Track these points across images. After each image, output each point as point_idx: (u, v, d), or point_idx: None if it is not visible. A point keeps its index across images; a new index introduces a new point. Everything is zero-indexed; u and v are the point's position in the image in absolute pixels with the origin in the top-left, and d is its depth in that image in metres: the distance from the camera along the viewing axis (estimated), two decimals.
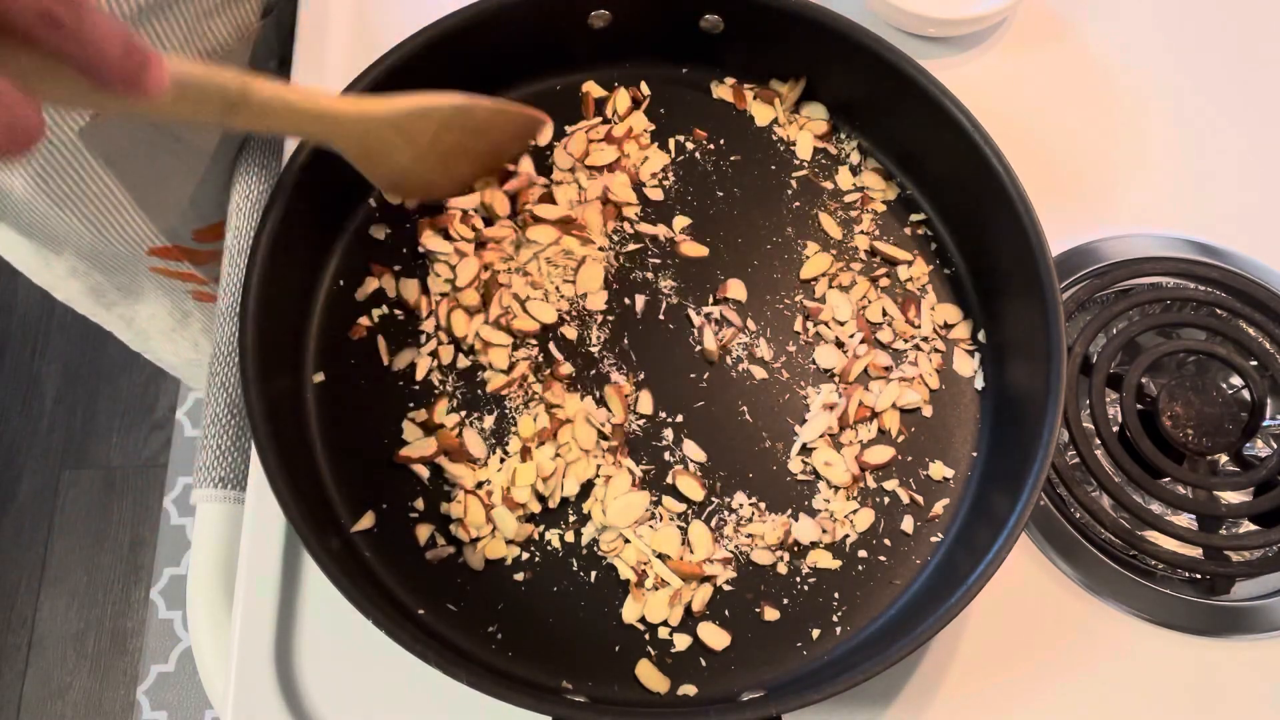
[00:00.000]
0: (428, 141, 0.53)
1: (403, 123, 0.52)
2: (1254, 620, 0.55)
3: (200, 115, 0.43)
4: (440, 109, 0.53)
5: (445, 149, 0.54)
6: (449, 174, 0.57)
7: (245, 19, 0.66)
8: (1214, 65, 0.69)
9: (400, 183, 0.55)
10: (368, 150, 0.52)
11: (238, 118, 0.44)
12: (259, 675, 0.51)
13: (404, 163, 0.53)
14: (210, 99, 0.43)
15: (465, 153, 0.56)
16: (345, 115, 0.49)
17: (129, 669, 1.38)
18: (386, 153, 0.52)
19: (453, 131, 0.54)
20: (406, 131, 0.52)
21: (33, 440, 1.49)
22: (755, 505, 0.54)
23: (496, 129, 0.56)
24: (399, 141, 0.52)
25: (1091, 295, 0.61)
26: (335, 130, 0.50)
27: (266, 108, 0.45)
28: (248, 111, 0.44)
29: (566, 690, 0.50)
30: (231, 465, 0.58)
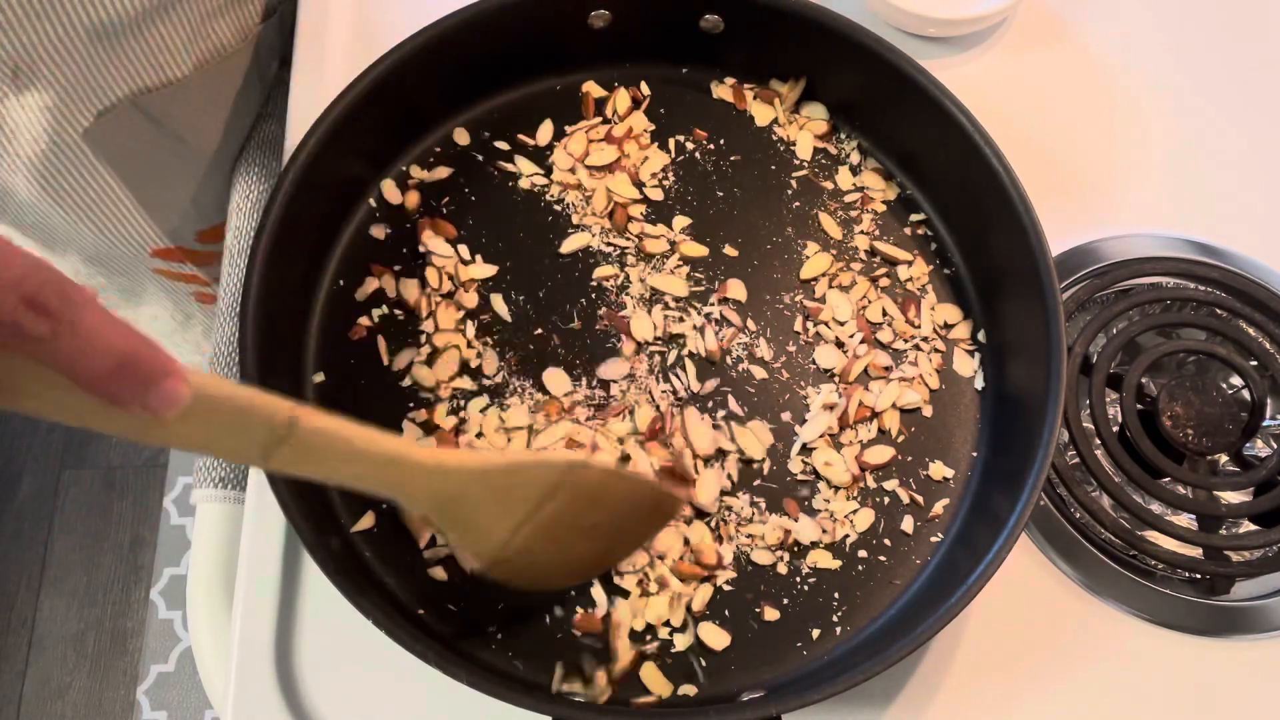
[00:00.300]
0: (529, 509, 0.43)
1: (491, 480, 0.42)
2: (1254, 620, 0.55)
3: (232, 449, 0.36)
4: (540, 467, 0.42)
5: (552, 522, 0.44)
6: (560, 555, 0.46)
7: (248, 20, 0.66)
8: (1214, 65, 0.69)
9: (497, 559, 0.45)
10: (449, 512, 0.42)
11: (281, 456, 0.36)
12: (259, 675, 0.51)
13: (500, 535, 0.43)
14: (247, 429, 0.35)
15: (580, 529, 0.45)
16: (421, 465, 0.40)
17: (129, 669, 1.38)
18: (475, 518, 0.42)
19: (560, 499, 0.43)
20: (498, 493, 0.42)
21: (33, 440, 1.49)
22: (755, 505, 0.54)
23: (615, 498, 0.45)
24: (490, 505, 0.42)
25: (1091, 295, 0.61)
26: (407, 481, 0.40)
27: (319, 446, 0.36)
28: (295, 448, 0.36)
29: (566, 691, 0.50)
30: (231, 465, 0.58)
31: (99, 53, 0.57)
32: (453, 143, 0.61)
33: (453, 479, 0.41)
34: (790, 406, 0.56)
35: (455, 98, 0.61)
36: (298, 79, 0.65)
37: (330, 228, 0.58)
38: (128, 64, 0.59)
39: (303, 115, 0.63)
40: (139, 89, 0.61)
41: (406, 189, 0.60)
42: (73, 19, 0.54)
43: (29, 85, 0.57)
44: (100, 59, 0.58)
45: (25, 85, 0.57)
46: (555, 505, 0.43)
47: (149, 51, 0.59)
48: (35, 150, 0.60)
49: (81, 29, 0.55)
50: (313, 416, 0.36)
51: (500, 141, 0.61)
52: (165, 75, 0.62)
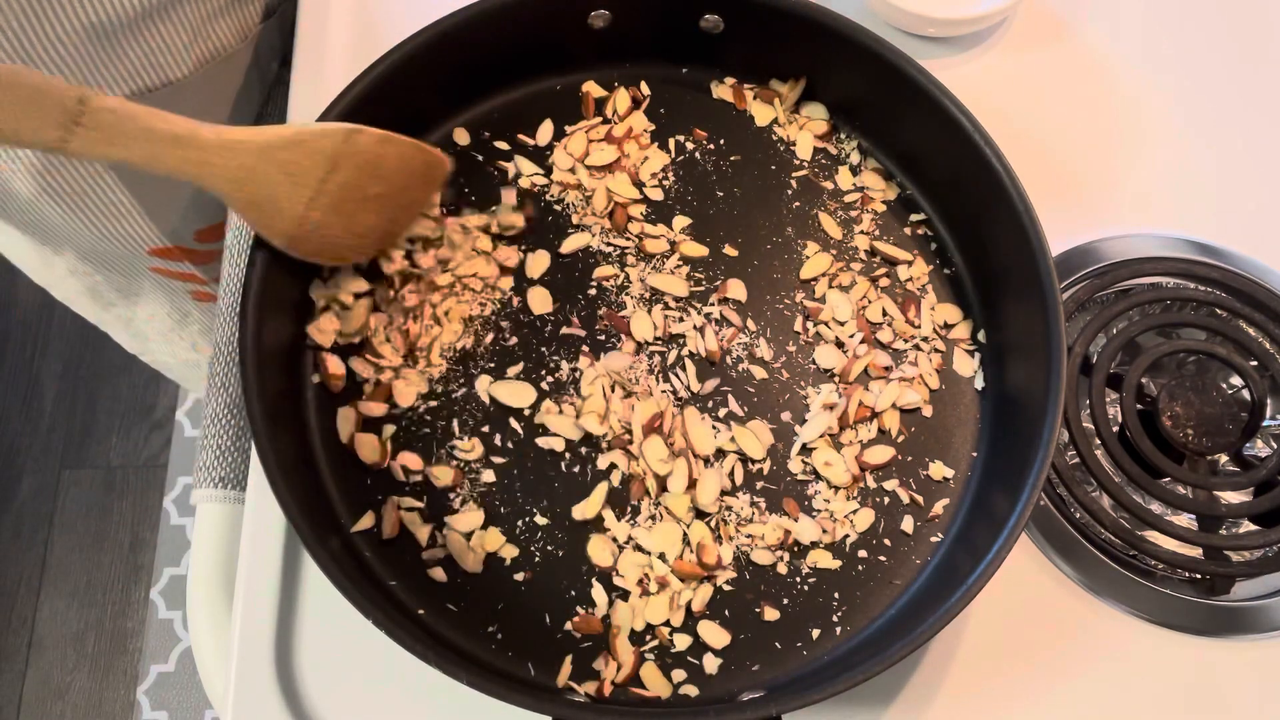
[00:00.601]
0: (317, 182, 0.47)
1: (279, 154, 0.45)
2: (1254, 620, 0.55)
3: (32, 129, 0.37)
4: (320, 137, 0.46)
5: (339, 193, 0.48)
6: (351, 227, 0.50)
7: (248, 21, 0.66)
8: (1214, 65, 0.69)
9: (296, 236, 0.49)
10: (248, 193, 0.45)
11: (76, 136, 0.38)
12: (259, 675, 0.51)
13: (295, 210, 0.47)
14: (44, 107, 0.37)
15: (365, 200, 0.50)
16: (207, 141, 0.43)
17: (129, 669, 1.38)
18: (271, 196, 0.46)
19: (343, 170, 0.48)
20: (287, 166, 0.46)
21: (33, 440, 1.49)
22: (755, 505, 0.54)
23: (391, 166, 0.50)
24: (282, 181, 0.46)
25: (1091, 295, 0.61)
26: (200, 160, 0.43)
27: (111, 124, 0.39)
28: (90, 128, 0.38)
29: (567, 690, 0.50)
30: (231, 465, 0.58)
31: (99, 53, 0.57)
32: (453, 143, 0.61)
33: (240, 153, 0.43)
34: (790, 406, 0.56)
35: (455, 98, 0.61)
36: (298, 79, 0.65)
37: None
38: (128, 64, 0.59)
39: (303, 115, 0.63)
40: (139, 89, 0.61)
41: None
42: (72, 19, 0.54)
43: None
44: (100, 59, 0.58)
45: None
46: (340, 176, 0.47)
47: (149, 52, 0.59)
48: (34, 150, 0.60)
49: (81, 29, 0.55)
50: (102, 96, 0.38)
51: (500, 141, 0.61)
52: (165, 75, 0.62)
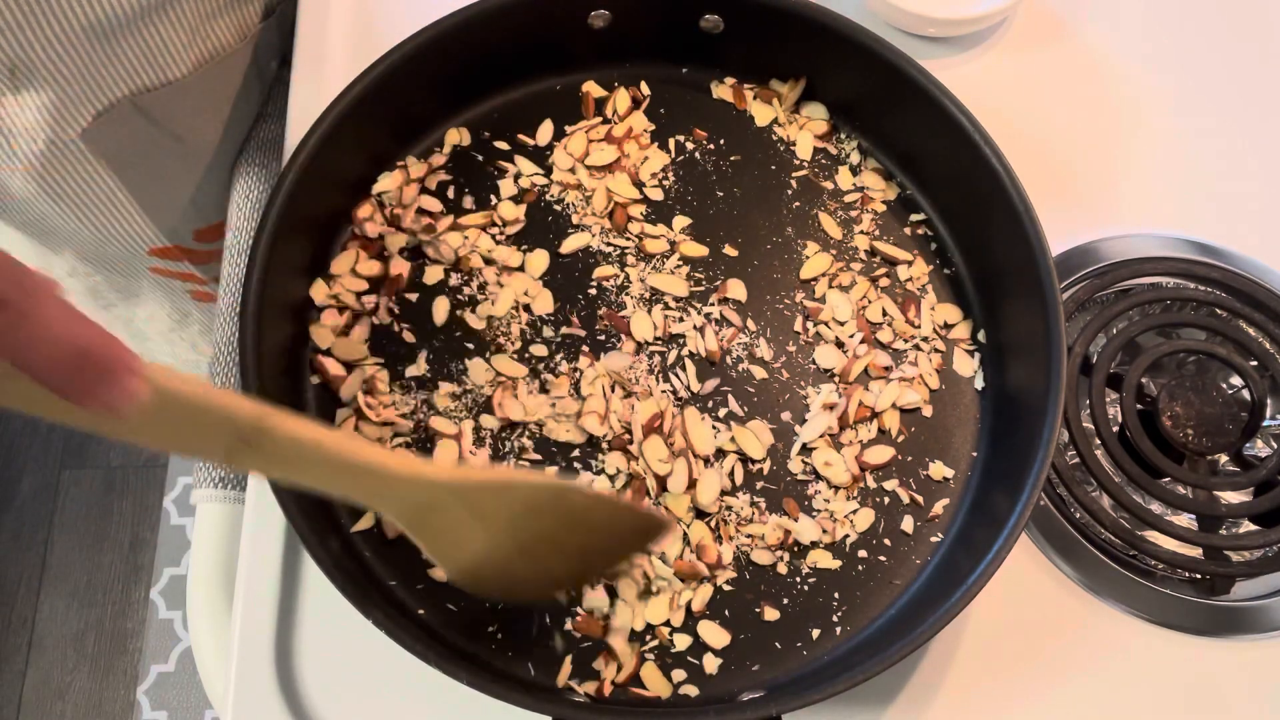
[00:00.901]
0: (506, 526, 0.41)
1: (472, 496, 0.40)
2: (1254, 620, 0.55)
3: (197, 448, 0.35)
4: (524, 489, 0.41)
5: (530, 539, 0.42)
6: (537, 570, 0.44)
7: (247, 20, 0.66)
8: (1214, 65, 0.69)
9: (471, 571, 0.44)
10: (425, 522, 0.41)
11: (248, 458, 0.35)
12: (259, 675, 0.51)
13: (476, 547, 0.42)
14: (214, 429, 0.34)
15: (559, 549, 0.44)
16: (396, 475, 0.38)
17: (129, 669, 1.38)
18: (451, 530, 0.41)
19: (543, 518, 0.42)
20: (478, 508, 0.41)
21: (33, 440, 1.49)
22: (755, 505, 0.54)
23: (599, 524, 0.44)
24: (467, 519, 0.41)
25: (1091, 295, 0.61)
26: (381, 491, 0.39)
27: (290, 451, 0.35)
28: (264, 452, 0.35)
29: (567, 690, 0.50)
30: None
31: (97, 52, 0.57)
32: (453, 142, 0.61)
33: (425, 490, 0.39)
34: (790, 406, 0.56)
35: (455, 98, 0.61)
36: (298, 79, 0.65)
37: (331, 227, 0.58)
38: (127, 64, 0.59)
39: (303, 115, 0.63)
40: (138, 89, 0.61)
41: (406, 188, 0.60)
42: (71, 18, 0.54)
43: (27, 85, 0.57)
44: (99, 59, 0.58)
45: (23, 85, 0.57)
46: (537, 525, 0.42)
47: (148, 51, 0.59)
48: (33, 150, 0.60)
49: (80, 28, 0.55)
50: (284, 421, 0.35)
51: (500, 141, 0.61)
52: (164, 75, 0.62)
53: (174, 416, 0.32)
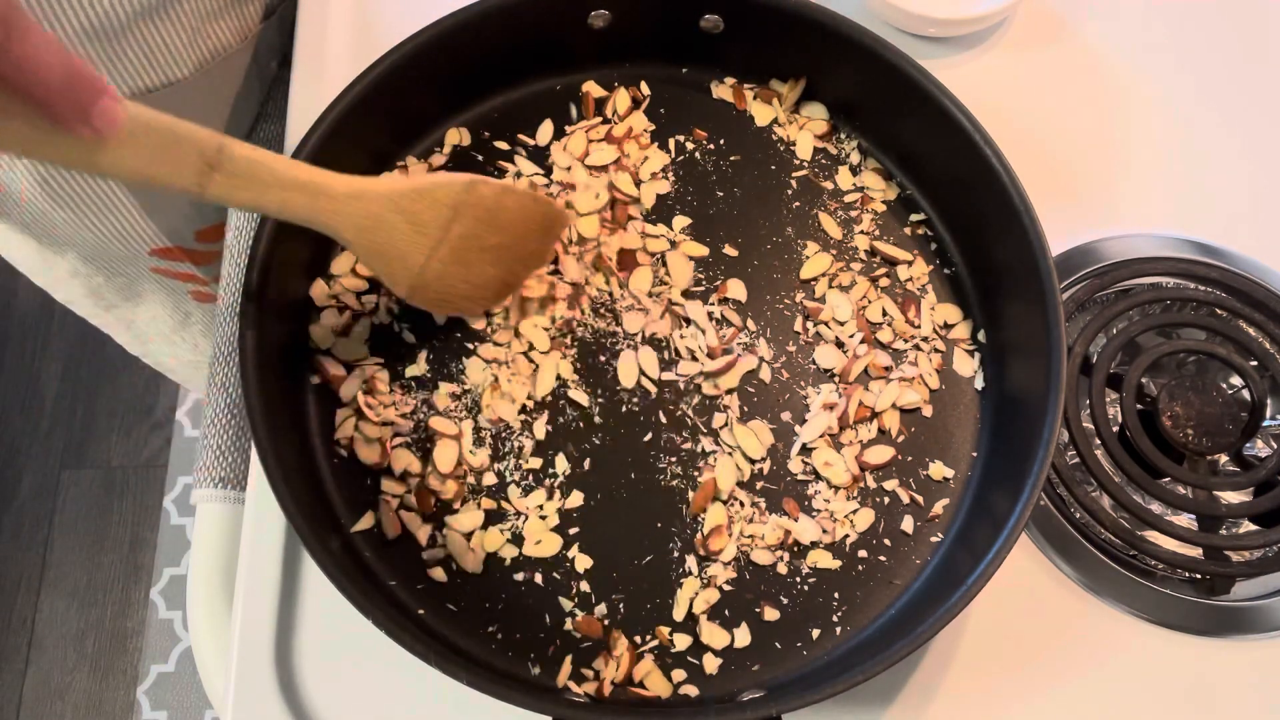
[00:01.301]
0: (439, 231, 0.48)
1: (404, 203, 0.47)
2: (1254, 620, 0.55)
3: (170, 173, 0.38)
4: (443, 187, 0.48)
5: (459, 243, 0.49)
6: (470, 278, 0.51)
7: (248, 20, 0.66)
8: (1214, 65, 0.69)
9: (417, 285, 0.50)
10: (371, 239, 0.47)
11: (214, 181, 0.39)
12: (259, 675, 0.51)
13: (417, 259, 0.48)
14: (183, 153, 0.38)
15: (483, 250, 0.51)
16: (335, 189, 0.45)
17: (129, 669, 1.38)
18: (393, 243, 0.47)
19: (463, 219, 0.49)
20: (411, 215, 0.47)
21: (33, 440, 1.49)
22: (755, 505, 0.54)
23: (510, 218, 0.51)
24: (405, 228, 0.47)
25: (1091, 295, 0.61)
26: (327, 207, 0.45)
27: (247, 171, 0.40)
28: (226, 174, 0.39)
29: (566, 690, 0.50)
30: (231, 465, 0.58)
31: (99, 53, 0.57)
32: (453, 143, 0.61)
33: (368, 200, 0.45)
34: (790, 406, 0.56)
35: (455, 98, 0.61)
36: (298, 79, 0.65)
37: None
38: (128, 64, 0.59)
39: (303, 115, 0.63)
40: (139, 89, 0.61)
41: None
42: (72, 20, 0.54)
43: None
44: (100, 60, 0.58)
45: None
46: (461, 225, 0.48)
47: (149, 52, 0.59)
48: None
49: (81, 30, 0.55)
50: (239, 144, 0.39)
51: (500, 141, 0.61)
52: (166, 76, 0.62)
53: (148, 141, 0.36)
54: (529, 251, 0.54)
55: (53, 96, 0.31)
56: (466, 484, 0.54)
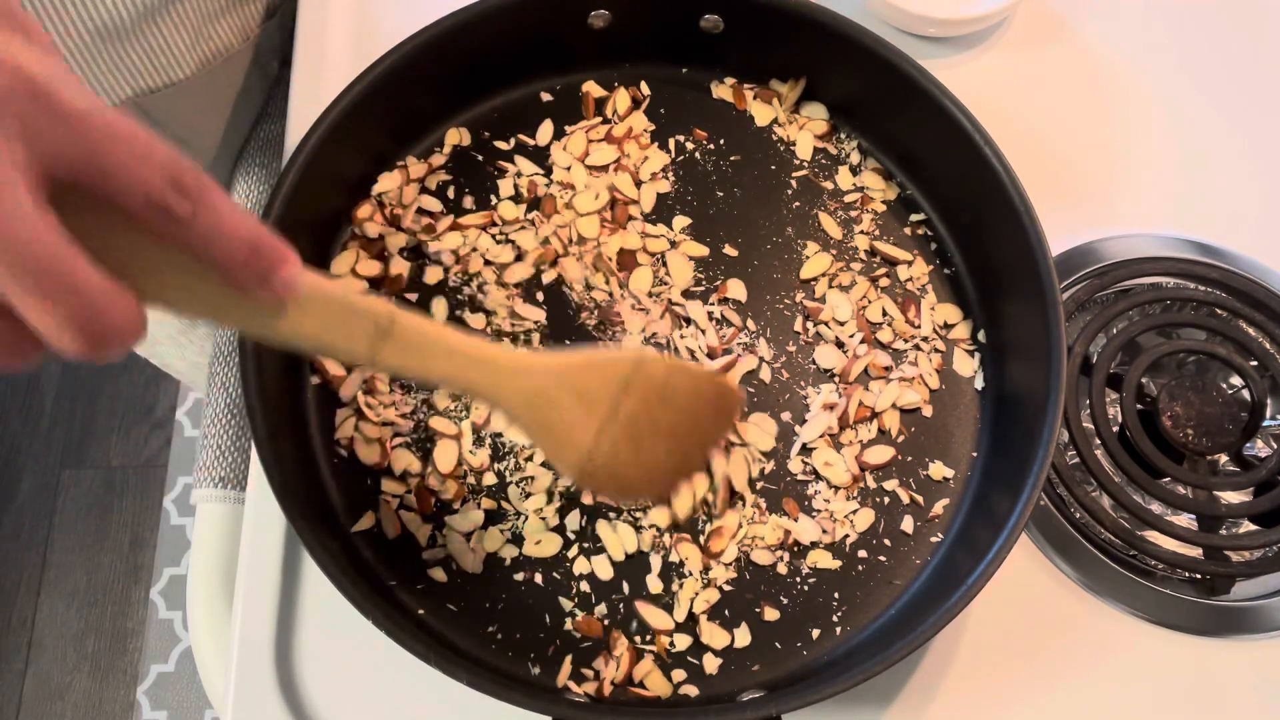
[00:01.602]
0: (608, 408, 0.46)
1: (571, 378, 0.45)
2: (1254, 620, 0.55)
3: (346, 341, 0.38)
4: (613, 363, 0.46)
5: (631, 423, 0.47)
6: (642, 460, 0.48)
7: (249, 21, 0.66)
8: (1214, 65, 0.69)
9: (586, 468, 0.47)
10: (542, 416, 0.45)
11: (385, 350, 0.39)
12: (259, 675, 0.51)
13: (585, 438, 0.46)
14: (358, 322, 0.38)
15: (656, 431, 0.48)
16: (501, 363, 0.43)
17: (129, 669, 1.38)
18: (561, 420, 0.45)
19: (634, 395, 0.46)
20: (580, 391, 0.45)
21: (33, 440, 1.49)
22: (755, 505, 0.54)
23: (682, 395, 0.48)
24: (574, 405, 0.45)
25: (1091, 295, 0.61)
26: (493, 380, 0.43)
27: (417, 341, 0.40)
28: (397, 343, 0.39)
29: (566, 690, 0.50)
30: (231, 465, 0.58)
31: (101, 55, 0.57)
32: (453, 143, 0.61)
33: (534, 376, 0.44)
34: (790, 406, 0.56)
35: (455, 98, 0.61)
36: (298, 79, 0.65)
37: (330, 227, 0.58)
38: (130, 65, 0.59)
39: (303, 115, 0.63)
40: (141, 90, 0.61)
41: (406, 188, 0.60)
42: (75, 21, 0.54)
43: None
44: (102, 61, 0.58)
45: None
46: (631, 403, 0.46)
47: (151, 53, 0.60)
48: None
49: (83, 31, 0.55)
50: (407, 315, 0.39)
51: (500, 141, 0.61)
52: (167, 76, 0.62)
53: (326, 310, 0.37)
54: (704, 435, 0.51)
55: (236, 266, 0.31)
56: (466, 484, 0.54)
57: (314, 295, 0.36)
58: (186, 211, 0.28)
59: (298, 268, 0.33)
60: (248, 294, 0.32)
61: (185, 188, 0.28)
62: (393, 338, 0.39)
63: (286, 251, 0.32)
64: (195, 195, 0.29)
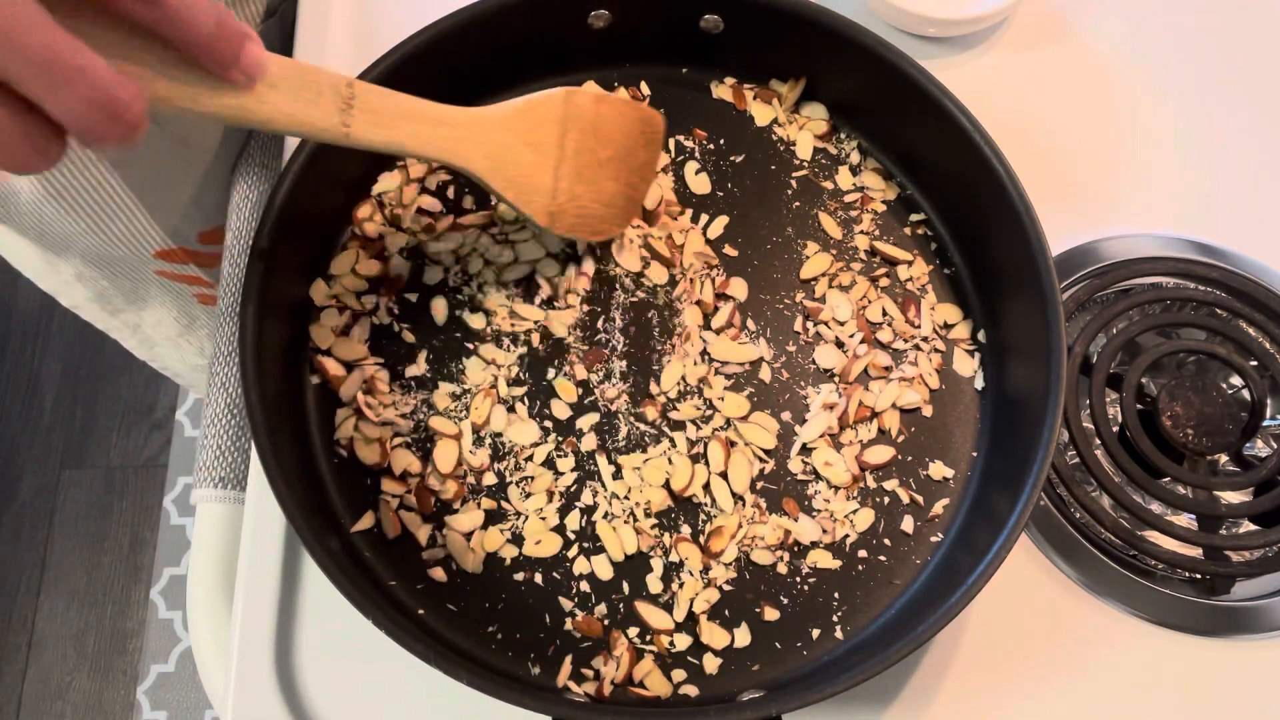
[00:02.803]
0: (555, 149, 0.51)
1: (515, 124, 0.49)
2: (1254, 620, 0.55)
3: (317, 115, 0.41)
4: (543, 102, 0.51)
5: (575, 159, 0.52)
6: (598, 196, 0.54)
7: (249, 21, 0.66)
8: (1214, 65, 0.69)
9: (554, 210, 0.52)
10: (503, 170, 0.49)
11: (354, 118, 0.42)
12: (259, 675, 0.51)
13: (546, 181, 0.51)
14: (322, 94, 0.41)
15: (600, 165, 0.53)
16: (455, 118, 0.47)
17: (129, 669, 1.38)
18: (520, 169, 0.50)
19: (571, 132, 0.51)
20: (524, 134, 0.50)
21: (33, 440, 1.49)
22: (755, 505, 0.54)
23: (611, 125, 0.53)
24: (526, 151, 0.50)
25: (1091, 295, 0.61)
26: (453, 135, 0.47)
27: (378, 106, 0.43)
28: (363, 111, 0.42)
29: (566, 690, 0.50)
30: (231, 465, 0.58)
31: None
32: None
33: (486, 126, 0.48)
34: (790, 406, 0.56)
35: (455, 98, 0.60)
36: None
37: (330, 227, 0.58)
38: None
39: None
40: None
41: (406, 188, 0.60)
42: None
43: None
44: None
45: None
46: (572, 139, 0.51)
47: None
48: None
49: None
50: (361, 82, 0.42)
51: None
52: None
53: (290, 85, 0.39)
54: (640, 162, 0.55)
55: (203, 44, 0.34)
56: (466, 484, 0.54)
57: (281, 73, 0.39)
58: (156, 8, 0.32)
59: (260, 45, 0.36)
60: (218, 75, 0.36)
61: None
62: (356, 106, 0.42)
63: (248, 30, 0.36)
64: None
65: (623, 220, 0.56)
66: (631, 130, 0.54)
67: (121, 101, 0.31)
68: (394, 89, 0.55)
